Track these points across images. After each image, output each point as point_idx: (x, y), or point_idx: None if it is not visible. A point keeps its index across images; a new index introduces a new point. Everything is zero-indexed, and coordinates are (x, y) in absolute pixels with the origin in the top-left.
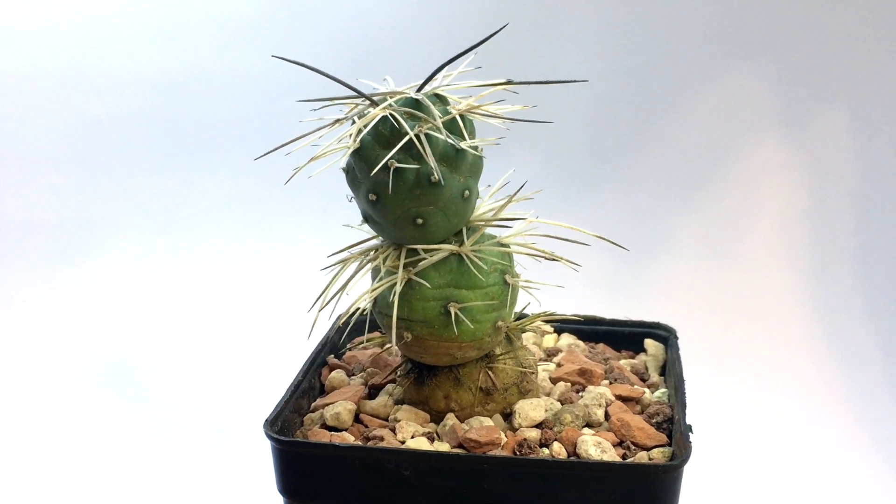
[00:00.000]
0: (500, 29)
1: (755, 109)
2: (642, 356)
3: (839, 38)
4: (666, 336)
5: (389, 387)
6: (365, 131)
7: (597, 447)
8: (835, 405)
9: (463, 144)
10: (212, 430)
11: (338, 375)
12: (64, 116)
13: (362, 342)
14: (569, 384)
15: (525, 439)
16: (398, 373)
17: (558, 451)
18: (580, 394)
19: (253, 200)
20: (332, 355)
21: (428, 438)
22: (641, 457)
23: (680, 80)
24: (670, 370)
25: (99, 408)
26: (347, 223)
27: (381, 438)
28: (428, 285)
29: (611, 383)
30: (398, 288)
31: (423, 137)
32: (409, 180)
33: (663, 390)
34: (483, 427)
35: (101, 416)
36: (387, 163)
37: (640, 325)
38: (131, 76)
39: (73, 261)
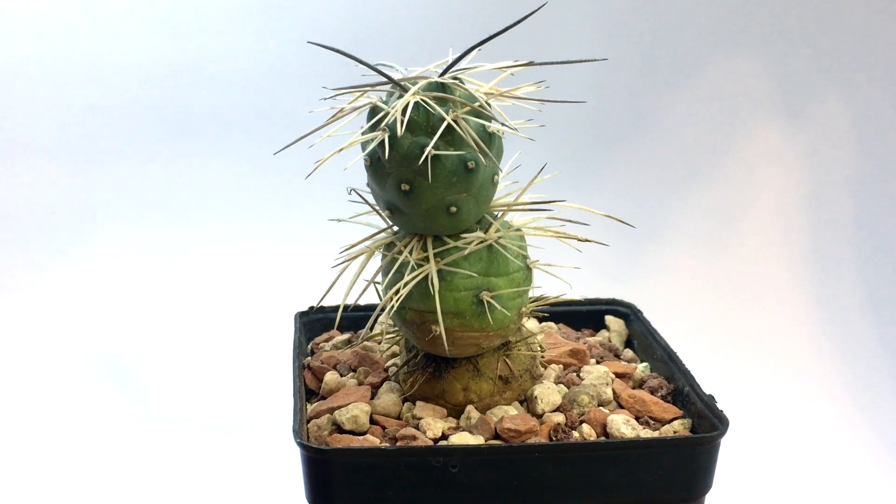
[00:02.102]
0: (536, 10)
1: (755, 94)
2: (604, 333)
3: (839, 22)
4: (626, 312)
5: (388, 384)
6: (405, 118)
7: (626, 425)
8: (834, 389)
9: (495, 127)
10: (204, 426)
11: (333, 377)
12: (55, 103)
13: (332, 340)
14: (561, 366)
15: (558, 424)
16: (405, 369)
17: (588, 432)
18: (578, 375)
19: (249, 189)
20: (309, 357)
21: (468, 433)
22: (666, 430)
23: (677, 65)
24: (641, 345)
25: (90, 398)
26: (334, 218)
27: (413, 438)
28: (473, 274)
29: (598, 362)
30: (435, 280)
31: (461, 122)
32: (447, 167)
33: (645, 364)
34: (518, 416)
35: (91, 407)
36: (424, 151)
37: (597, 302)
38: (123, 62)
39: (64, 250)
